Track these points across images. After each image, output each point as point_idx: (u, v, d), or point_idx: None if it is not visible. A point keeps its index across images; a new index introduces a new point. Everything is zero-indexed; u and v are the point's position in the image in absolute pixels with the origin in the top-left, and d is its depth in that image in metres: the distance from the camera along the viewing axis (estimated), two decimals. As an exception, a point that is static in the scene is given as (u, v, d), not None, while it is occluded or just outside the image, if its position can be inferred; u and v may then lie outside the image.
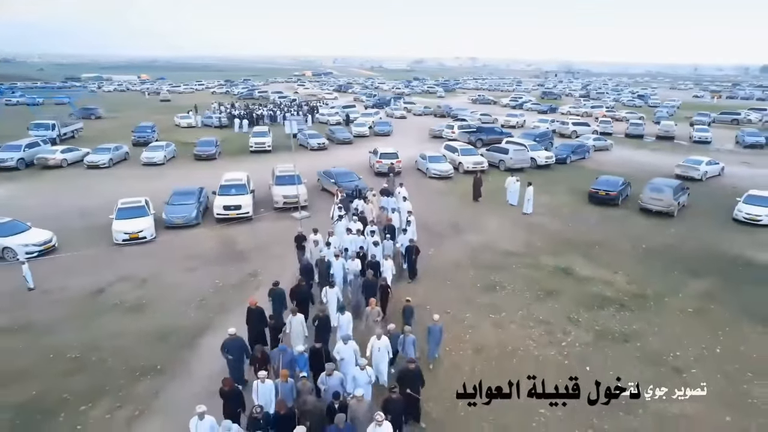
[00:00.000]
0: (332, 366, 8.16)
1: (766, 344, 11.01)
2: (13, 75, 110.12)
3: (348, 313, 10.16)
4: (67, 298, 12.68)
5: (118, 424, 8.47)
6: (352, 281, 12.13)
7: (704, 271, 14.77)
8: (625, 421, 8.61)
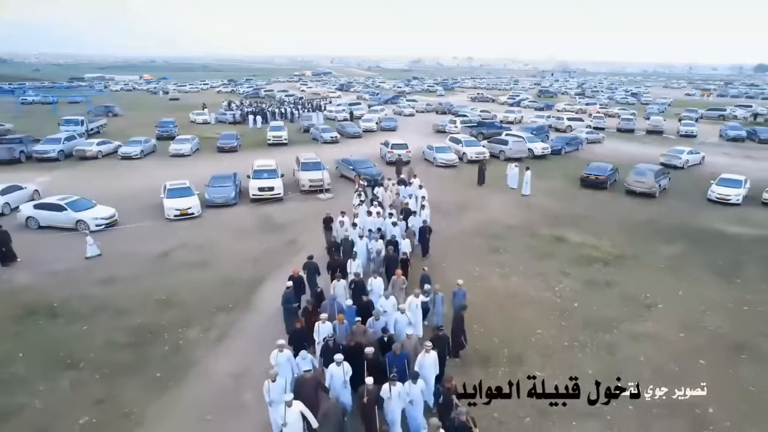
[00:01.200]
0: (380, 312, 10.03)
1: (719, 289, 13.54)
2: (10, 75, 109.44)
3: (380, 278, 11.93)
4: (141, 259, 15.05)
5: (209, 341, 10.87)
6: (375, 258, 13.57)
7: (677, 239, 17.31)
8: (602, 338, 11.07)
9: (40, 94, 67.46)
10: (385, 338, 9.03)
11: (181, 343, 10.71)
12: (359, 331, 9.28)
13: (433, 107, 56.02)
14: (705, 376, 9.67)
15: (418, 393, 7.75)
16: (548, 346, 10.69)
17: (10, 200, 19.01)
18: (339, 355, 8.03)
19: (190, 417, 8.60)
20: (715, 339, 11.07)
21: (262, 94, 74.17)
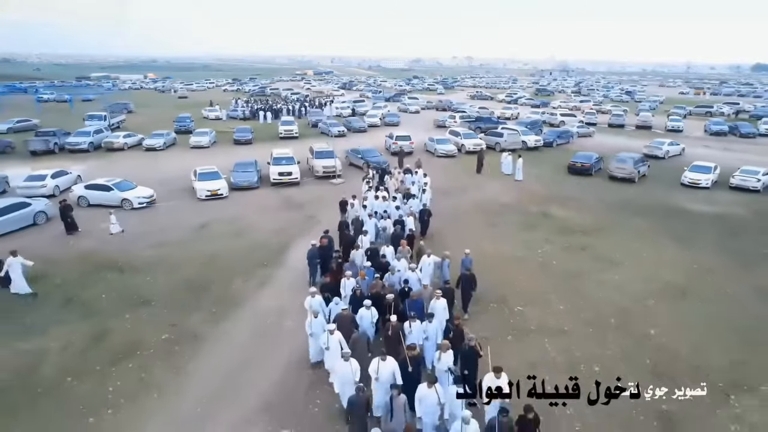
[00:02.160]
0: (394, 268, 12.08)
1: (676, 252, 15.95)
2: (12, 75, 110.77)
3: (392, 246, 14.10)
4: (183, 230, 17.46)
5: (252, 287, 13.28)
6: (382, 234, 15.70)
7: (648, 215, 19.73)
8: (574, 285, 13.47)
9: (55, 92, 69.76)
10: (406, 288, 11.07)
11: (228, 290, 13.13)
12: (378, 285, 11.27)
13: (433, 104, 58.45)
14: (653, 311, 12.10)
15: (433, 330, 9.65)
16: (528, 290, 13.10)
17: (60, 183, 21.46)
18: (368, 301, 10.04)
19: (242, 338, 11.00)
20: (666, 286, 13.49)
21: (268, 92, 76.63)
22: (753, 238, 17.43)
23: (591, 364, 9.97)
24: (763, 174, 23.24)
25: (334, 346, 9.04)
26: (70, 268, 14.33)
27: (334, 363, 8.92)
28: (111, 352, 10.24)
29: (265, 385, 9.33)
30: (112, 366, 9.80)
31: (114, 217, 17.20)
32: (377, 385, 8.12)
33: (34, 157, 29.17)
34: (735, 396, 9.03)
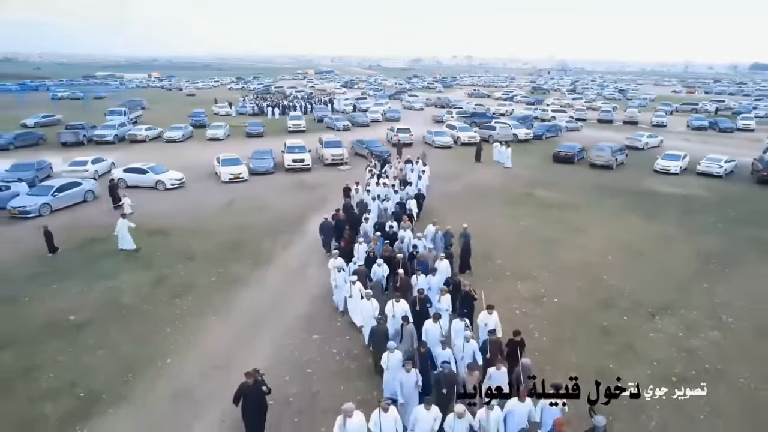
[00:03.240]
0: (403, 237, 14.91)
1: (639, 224, 18.63)
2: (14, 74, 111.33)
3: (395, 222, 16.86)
4: (213, 206, 20.13)
5: (278, 247, 15.92)
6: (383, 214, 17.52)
7: (621, 196, 22.41)
8: (547, 247, 16.12)
9: (67, 90, 72.36)
10: (414, 252, 13.42)
11: (259, 249, 15.79)
12: (389, 249, 13.42)
13: (432, 102, 61.14)
14: (609, 264, 14.78)
15: (435, 281, 11.87)
16: (508, 249, 15.75)
17: (98, 168, 24.12)
18: (380, 260, 12.19)
19: (275, 280, 13.65)
20: (625, 247, 16.17)
21: (273, 90, 79.26)
22: (708, 213, 20.11)
23: (551, 297, 12.64)
24: (725, 162, 25.95)
25: (356, 294, 11.06)
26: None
27: (356, 305, 10.96)
28: (173, 290, 12.91)
29: (297, 309, 12.01)
30: (175, 298, 12.46)
31: (128, 199, 19.02)
32: (392, 322, 9.83)
33: (65, 147, 31.74)
34: (659, 317, 11.71)
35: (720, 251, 15.97)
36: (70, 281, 13.32)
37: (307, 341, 10.69)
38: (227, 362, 9.76)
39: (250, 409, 7.54)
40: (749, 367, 9.81)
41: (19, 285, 13.04)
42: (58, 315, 11.53)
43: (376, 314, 10.05)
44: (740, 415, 8.53)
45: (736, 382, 9.37)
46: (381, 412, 6.86)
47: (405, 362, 7.99)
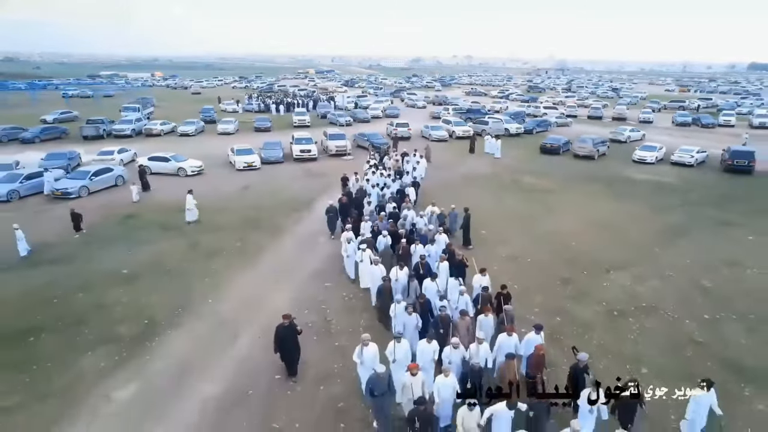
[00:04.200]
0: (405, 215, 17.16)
1: (610, 204, 20.99)
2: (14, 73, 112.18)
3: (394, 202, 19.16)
4: (230, 189, 22.47)
5: (291, 222, 18.26)
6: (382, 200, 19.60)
7: (598, 182, 24.75)
8: (527, 222, 18.45)
9: (77, 88, 74.69)
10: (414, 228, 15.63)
11: (275, 223, 18.14)
12: (392, 225, 15.56)
13: (430, 99, 63.49)
14: (578, 234, 17.12)
15: (434, 251, 13.82)
16: (493, 224, 18.05)
17: (123, 157, 26.46)
18: (385, 231, 14.36)
19: (291, 246, 15.99)
20: (594, 222, 18.52)
21: (276, 88, 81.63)
22: (674, 196, 22.45)
23: (525, 257, 15.01)
24: (696, 152, 28.33)
25: (366, 259, 12.89)
26: (156, 210, 19.38)
27: (365, 269, 12.74)
28: (205, 253, 15.26)
29: (310, 266, 14.37)
30: (208, 259, 14.81)
31: (135, 187, 20.85)
32: (396, 285, 11.57)
33: (86, 141, 34.05)
34: (613, 272, 14.07)
35: (677, 225, 18.33)
36: (116, 247, 15.66)
37: (320, 287, 13.07)
38: (257, 302, 12.13)
39: (286, 347, 9.05)
40: (675, 305, 12.17)
41: (77, 249, 15.40)
42: (113, 270, 13.88)
43: (382, 276, 11.80)
44: (659, 335, 10.89)
45: (663, 314, 11.74)
46: (395, 342, 8.39)
47: (407, 307, 9.70)
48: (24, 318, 11.23)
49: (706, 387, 7.48)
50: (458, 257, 12.72)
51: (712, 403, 7.56)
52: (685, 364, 9.87)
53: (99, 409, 8.46)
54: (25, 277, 13.43)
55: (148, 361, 9.81)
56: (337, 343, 10.49)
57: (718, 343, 10.59)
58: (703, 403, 7.50)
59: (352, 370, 9.04)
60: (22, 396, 8.72)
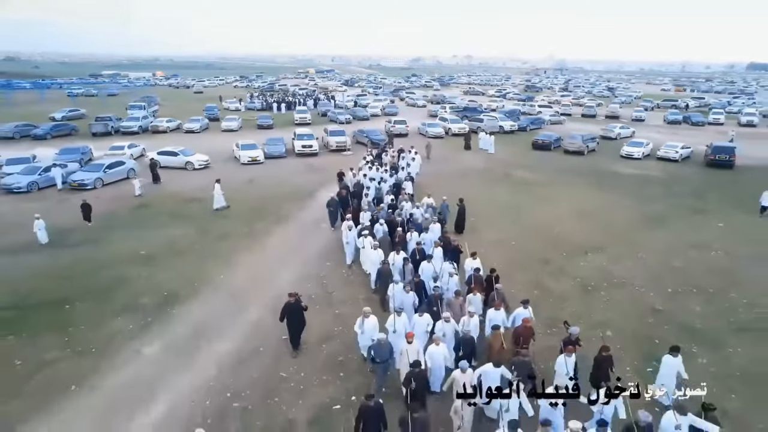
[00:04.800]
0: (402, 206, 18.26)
1: (597, 194, 22.27)
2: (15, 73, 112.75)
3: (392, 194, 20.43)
4: (237, 182, 23.69)
5: (295, 210, 19.53)
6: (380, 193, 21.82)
7: (586, 175, 26.01)
8: (518, 212, 19.70)
9: (82, 88, 75.97)
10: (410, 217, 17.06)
11: (280, 211, 19.41)
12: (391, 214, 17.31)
13: (428, 98, 64.75)
14: (564, 222, 18.39)
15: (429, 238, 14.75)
16: (483, 212, 19.28)
17: (133, 152, 27.73)
18: (382, 220, 15.51)
19: (295, 231, 17.27)
20: (579, 211, 19.74)
21: (277, 87, 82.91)
22: (657, 188, 23.74)
23: (510, 242, 16.28)
24: (681, 148, 29.60)
25: (367, 245, 13.87)
26: (166, 201, 20.67)
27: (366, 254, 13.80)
28: (215, 237, 16.53)
29: (313, 248, 15.66)
30: (218, 242, 16.08)
31: (137, 182, 21.91)
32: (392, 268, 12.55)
33: (95, 137, 35.28)
34: (590, 253, 15.33)
35: (656, 214, 19.60)
36: (132, 232, 16.92)
37: (322, 265, 14.36)
38: (265, 277, 13.41)
39: (293, 321, 9.94)
40: (644, 281, 13.45)
41: (96, 233, 16.66)
42: (132, 251, 15.14)
43: (381, 259, 12.88)
44: (625, 305, 12.17)
45: (632, 288, 13.02)
46: (395, 316, 9.32)
47: (405, 286, 10.73)
48: (57, 290, 12.50)
49: (675, 353, 8.36)
50: (453, 243, 13.80)
51: (679, 367, 8.37)
52: (645, 327, 11.15)
53: (130, 361, 9.74)
54: (52, 257, 14.69)
55: (170, 324, 11.08)
56: (337, 311, 11.77)
57: (677, 311, 11.87)
58: (672, 366, 8.39)
59: (351, 332, 10.29)
60: (63, 351, 9.98)
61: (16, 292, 12.40)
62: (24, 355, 9.79)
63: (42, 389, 8.87)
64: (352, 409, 8.59)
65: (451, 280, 11.56)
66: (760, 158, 30.51)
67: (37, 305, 11.77)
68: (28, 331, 10.65)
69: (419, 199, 18.73)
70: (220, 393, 8.87)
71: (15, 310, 11.53)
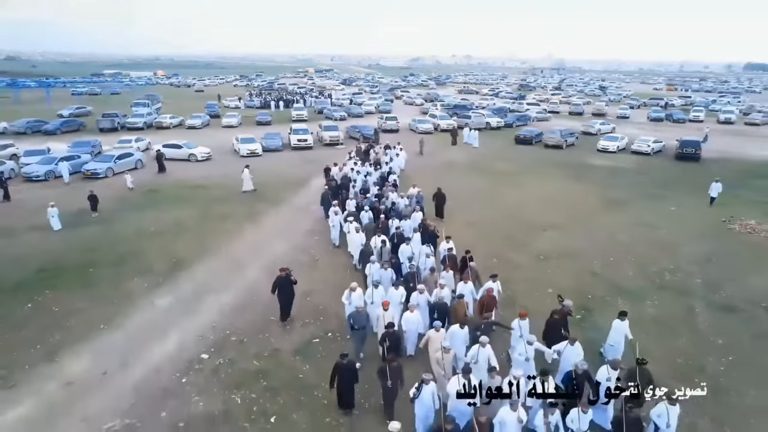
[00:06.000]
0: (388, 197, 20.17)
1: (566, 183, 24.26)
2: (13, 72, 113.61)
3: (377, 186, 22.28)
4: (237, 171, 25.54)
5: (290, 194, 21.52)
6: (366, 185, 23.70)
7: (562, 167, 27.98)
8: (496, 198, 21.69)
9: (86, 86, 77.96)
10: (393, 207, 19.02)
11: (276, 196, 21.40)
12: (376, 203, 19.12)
13: (422, 96, 66.74)
14: (530, 204, 20.36)
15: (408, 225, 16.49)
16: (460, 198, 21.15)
17: (139, 145, 29.74)
18: (367, 208, 17.56)
19: (288, 212, 19.26)
20: (549, 196, 21.76)
21: (276, 86, 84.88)
22: (624, 178, 25.72)
23: (481, 223, 18.25)
24: (653, 142, 31.61)
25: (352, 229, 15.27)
26: (172, 187, 22.68)
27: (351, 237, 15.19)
28: (217, 217, 18.52)
29: (303, 226, 17.68)
30: (220, 221, 18.06)
31: (128, 176, 23.04)
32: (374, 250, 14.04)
33: (102, 132, 37.26)
34: (548, 231, 17.32)
35: (617, 199, 21.59)
36: (142, 213, 18.91)
37: (312, 240, 16.40)
38: (260, 248, 15.42)
39: (283, 293, 11.06)
40: (591, 252, 15.45)
41: (110, 215, 18.65)
42: (142, 228, 17.14)
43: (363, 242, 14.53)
44: (569, 270, 14.16)
45: (579, 258, 15.01)
46: (374, 288, 10.65)
47: (383, 265, 12.32)
48: (81, 258, 14.50)
49: (622, 317, 9.58)
50: (430, 228, 15.42)
51: (626, 330, 9.48)
52: (582, 286, 13.13)
53: (146, 309, 11.73)
54: (71, 234, 16.65)
55: (178, 283, 13.08)
56: (322, 274, 13.76)
57: (612, 274, 13.87)
58: (621, 330, 9.55)
59: (331, 288, 12.31)
60: (91, 302, 11.97)
61: (48, 260, 14.39)
62: (60, 305, 11.79)
63: (78, 326, 10.87)
64: (328, 342, 10.64)
65: (428, 260, 13.11)
66: (729, 152, 32.57)
67: (65, 269, 13.77)
68: (61, 288, 12.64)
69: (405, 189, 20.63)
70: (221, 331, 10.87)
71: (49, 272, 13.53)
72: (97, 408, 8.46)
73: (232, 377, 9.34)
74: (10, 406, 8.47)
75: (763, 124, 47.51)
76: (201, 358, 9.88)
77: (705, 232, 17.45)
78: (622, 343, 9.61)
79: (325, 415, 8.33)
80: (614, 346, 9.68)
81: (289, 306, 11.36)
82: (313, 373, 9.51)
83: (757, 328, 11.31)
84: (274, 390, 9.00)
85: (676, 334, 11.00)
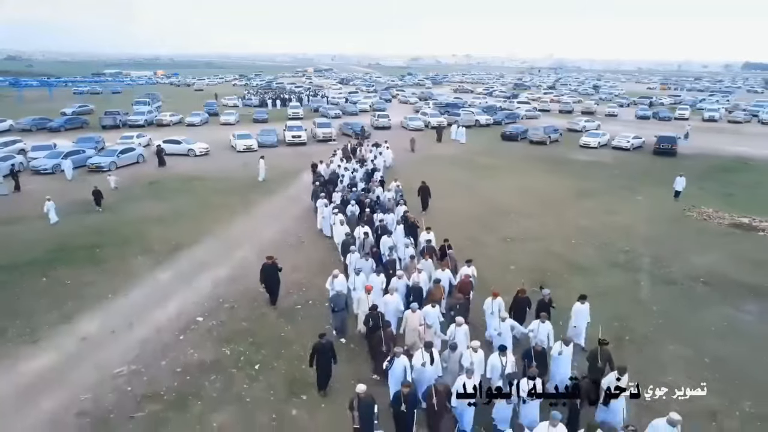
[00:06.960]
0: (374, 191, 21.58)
1: (544, 175, 25.68)
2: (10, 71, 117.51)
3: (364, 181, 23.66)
4: (234, 166, 27.14)
5: (282, 187, 22.93)
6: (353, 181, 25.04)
7: (544, 162, 29.40)
8: (477, 189, 23.10)
9: (88, 86, 79.40)
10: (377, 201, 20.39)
11: (269, 187, 22.83)
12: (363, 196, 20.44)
13: (417, 95, 68.16)
14: (507, 195, 21.78)
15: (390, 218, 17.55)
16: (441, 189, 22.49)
17: (141, 141, 31.14)
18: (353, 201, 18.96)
19: (280, 201, 20.69)
20: (524, 188, 23.17)
21: (274, 86, 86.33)
22: (601, 172, 27.13)
23: (458, 211, 19.66)
24: (632, 138, 33.06)
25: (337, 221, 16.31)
26: (172, 179, 24.10)
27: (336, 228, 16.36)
28: (214, 206, 19.93)
29: (293, 213, 19.12)
30: (217, 210, 19.46)
31: (112, 178, 22.51)
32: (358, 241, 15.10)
33: (104, 129, 38.65)
34: (520, 218, 18.75)
35: (589, 190, 23.02)
36: (144, 202, 20.35)
37: (299, 225, 17.84)
38: (253, 232, 16.88)
39: (270, 280, 11.72)
40: (555, 235, 16.90)
41: (114, 204, 20.08)
42: (144, 215, 18.58)
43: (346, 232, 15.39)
44: (532, 251, 15.59)
45: (543, 240, 16.44)
46: (355, 275, 11.36)
47: (363, 256, 13.32)
48: (89, 240, 15.93)
49: (583, 300, 10.20)
50: (411, 220, 16.44)
51: (586, 312, 10.21)
52: (542, 264, 14.56)
53: (149, 283, 13.16)
54: (79, 220, 18.07)
55: (178, 261, 14.52)
56: (306, 253, 15.20)
57: (571, 254, 15.29)
58: (582, 312, 10.23)
59: (314, 264, 13.76)
60: (99, 276, 13.41)
61: (59, 242, 15.81)
62: (72, 278, 13.22)
63: (89, 296, 12.30)
64: (309, 309, 12.08)
65: (407, 250, 14.09)
66: (706, 148, 33.97)
67: (75, 249, 15.21)
68: (72, 265, 14.07)
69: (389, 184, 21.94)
70: (215, 299, 12.31)
71: (60, 251, 14.96)
72: (107, 358, 9.88)
73: (223, 335, 10.77)
74: (36, 356, 9.91)
75: (745, 122, 48.93)
76: (196, 320, 11.32)
77: (663, 219, 18.89)
78: (583, 326, 10.29)
79: (301, 362, 9.73)
80: (576, 328, 10.28)
81: (276, 292, 12.02)
82: (294, 332, 10.95)
83: (691, 297, 12.74)
84: (259, 344, 10.44)
85: (619, 303, 12.41)
